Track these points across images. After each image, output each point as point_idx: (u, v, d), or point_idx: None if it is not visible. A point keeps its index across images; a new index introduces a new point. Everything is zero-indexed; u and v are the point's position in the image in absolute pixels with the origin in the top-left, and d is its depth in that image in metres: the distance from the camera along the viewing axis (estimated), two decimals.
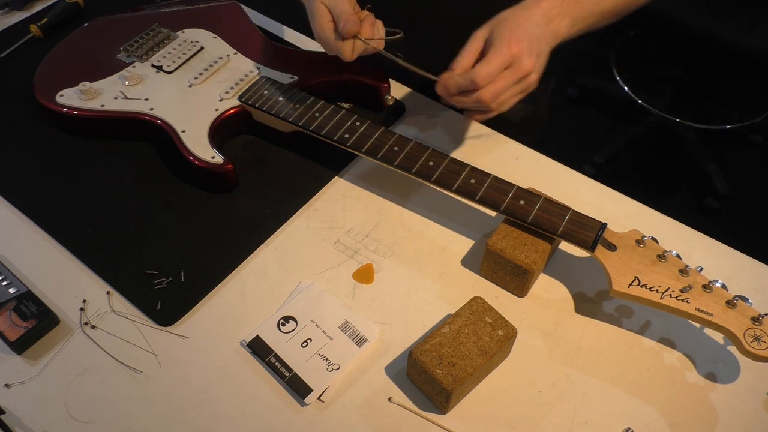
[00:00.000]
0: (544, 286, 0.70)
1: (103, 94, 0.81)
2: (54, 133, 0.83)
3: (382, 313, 0.68)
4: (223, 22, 0.91)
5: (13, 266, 0.71)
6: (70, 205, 0.76)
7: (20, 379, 0.63)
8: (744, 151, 2.03)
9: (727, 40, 1.59)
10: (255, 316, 0.67)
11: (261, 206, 0.76)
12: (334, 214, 0.76)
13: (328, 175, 0.80)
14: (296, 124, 0.76)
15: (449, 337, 0.60)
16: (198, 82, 0.82)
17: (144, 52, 0.86)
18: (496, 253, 0.67)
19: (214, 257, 0.71)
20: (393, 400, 0.62)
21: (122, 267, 0.70)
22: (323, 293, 0.69)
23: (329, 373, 0.63)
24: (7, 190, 0.78)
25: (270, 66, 0.84)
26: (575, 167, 0.81)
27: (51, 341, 0.65)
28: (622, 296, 0.63)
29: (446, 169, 0.70)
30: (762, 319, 0.59)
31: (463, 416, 0.61)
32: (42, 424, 0.60)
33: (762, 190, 1.91)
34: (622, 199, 0.79)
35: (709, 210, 1.84)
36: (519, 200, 0.68)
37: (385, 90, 0.83)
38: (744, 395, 0.63)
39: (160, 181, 0.78)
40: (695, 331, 0.67)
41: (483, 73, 0.66)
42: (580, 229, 0.65)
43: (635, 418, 0.61)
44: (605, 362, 0.65)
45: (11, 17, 1.01)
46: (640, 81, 2.09)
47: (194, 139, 0.76)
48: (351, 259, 0.72)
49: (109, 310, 0.68)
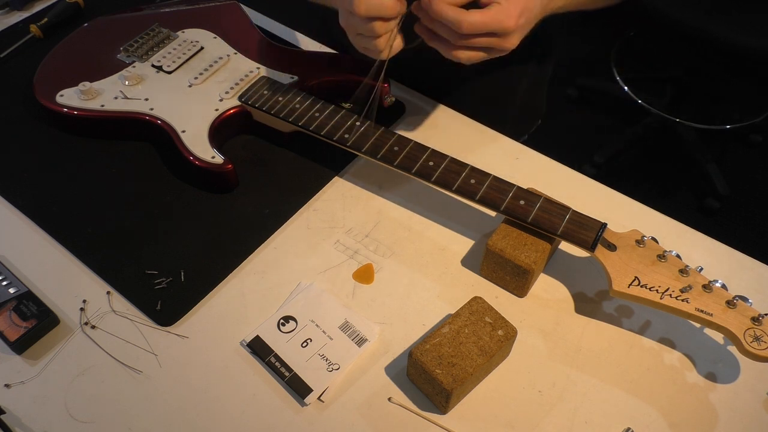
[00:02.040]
0: (544, 286, 0.70)
1: (103, 94, 0.81)
2: (54, 133, 0.83)
3: (382, 313, 0.68)
4: (223, 22, 0.91)
5: (13, 266, 0.71)
6: (70, 205, 0.76)
7: (20, 379, 0.63)
8: (744, 151, 2.03)
9: (727, 39, 1.59)
10: (255, 316, 0.67)
11: (261, 206, 0.76)
12: (334, 214, 0.76)
13: (328, 175, 0.80)
14: (296, 124, 0.76)
15: (449, 337, 0.60)
16: (198, 82, 0.82)
17: (144, 52, 0.86)
18: (496, 253, 0.67)
19: (214, 257, 0.71)
20: (393, 400, 0.62)
21: (122, 267, 0.70)
22: (323, 293, 0.69)
23: (329, 373, 0.63)
24: (7, 190, 0.78)
25: (270, 66, 0.84)
26: (575, 167, 0.81)
27: (51, 341, 0.65)
28: (622, 296, 0.63)
29: (446, 169, 0.70)
30: (762, 319, 0.59)
31: (463, 416, 0.61)
32: (42, 424, 0.60)
33: (762, 190, 1.91)
34: (622, 199, 0.79)
35: (709, 210, 1.84)
36: (519, 200, 0.68)
37: (385, 90, 0.83)
38: (744, 395, 0.63)
39: (160, 181, 0.78)
40: (695, 331, 0.67)
41: (471, 20, 0.61)
42: (580, 229, 0.65)
43: (635, 418, 0.61)
44: (605, 362, 0.65)
45: (11, 17, 1.01)
46: (640, 81, 2.09)
47: (194, 139, 0.76)
48: (351, 259, 0.72)
49: (109, 310, 0.68)
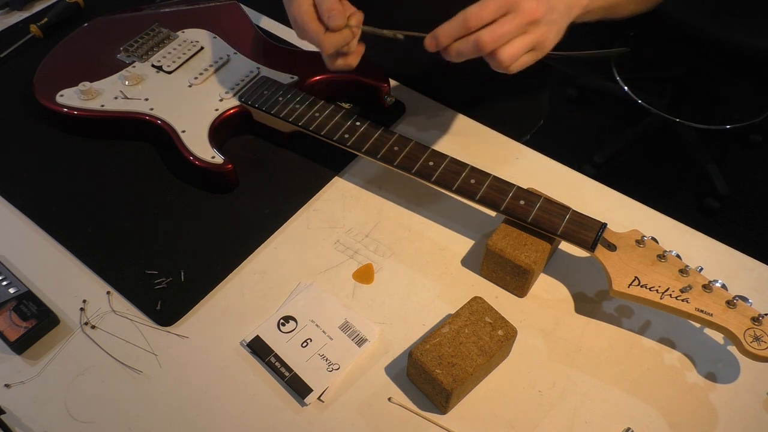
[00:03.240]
0: (544, 286, 0.70)
1: (103, 94, 0.81)
2: (54, 133, 0.83)
3: (382, 313, 0.68)
4: (223, 22, 0.91)
5: (13, 266, 0.71)
6: (70, 205, 0.76)
7: (20, 379, 0.63)
8: (744, 151, 2.03)
9: (727, 39, 1.59)
10: (255, 316, 0.67)
11: (261, 206, 0.76)
12: (334, 214, 0.76)
13: (328, 175, 0.80)
14: (296, 124, 0.76)
15: (449, 337, 0.60)
16: (198, 82, 0.82)
17: (144, 52, 0.86)
18: (496, 253, 0.66)
19: (214, 257, 0.71)
20: (393, 400, 0.62)
21: (122, 267, 0.70)
22: (323, 293, 0.69)
23: (329, 373, 0.63)
24: (7, 190, 0.78)
25: (270, 66, 0.84)
26: (575, 167, 0.81)
27: (51, 341, 0.65)
28: (622, 296, 0.63)
29: (446, 169, 0.70)
30: (762, 319, 0.59)
31: (463, 416, 0.61)
32: (42, 424, 0.60)
33: (762, 190, 1.91)
34: (622, 199, 0.79)
35: (709, 210, 1.84)
36: (519, 200, 0.68)
37: (385, 90, 0.83)
38: (744, 395, 0.63)
39: (160, 181, 0.78)
40: (695, 331, 0.67)
41: (473, 10, 0.58)
42: (580, 229, 0.65)
43: (635, 418, 0.61)
44: (605, 362, 0.65)
45: (11, 17, 1.01)
46: (640, 81, 2.09)
47: (194, 139, 0.76)
48: (351, 259, 0.72)
49: (109, 310, 0.68)
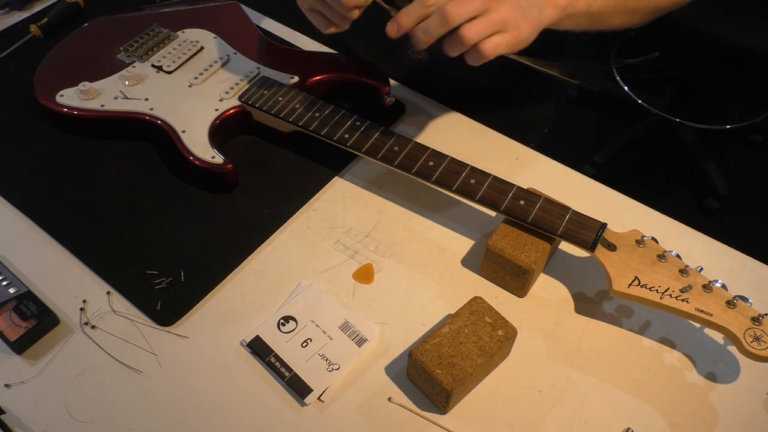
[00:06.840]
0: (544, 286, 0.70)
1: (103, 94, 0.81)
2: (54, 133, 0.83)
3: (382, 313, 0.68)
4: (223, 22, 0.91)
5: (13, 266, 0.71)
6: (70, 205, 0.76)
7: (20, 379, 0.63)
8: (744, 151, 2.03)
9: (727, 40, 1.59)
10: (255, 316, 0.67)
11: (261, 206, 0.76)
12: (334, 214, 0.76)
13: (328, 175, 0.80)
14: (296, 124, 0.76)
15: (449, 337, 0.60)
16: (198, 82, 0.82)
17: (144, 52, 0.86)
18: (496, 253, 0.66)
19: (214, 257, 0.71)
20: (393, 400, 0.62)
21: (122, 267, 0.70)
22: (323, 293, 0.69)
23: (329, 373, 0.63)
24: (7, 190, 0.78)
25: (270, 66, 0.84)
26: (575, 167, 0.81)
27: (51, 341, 0.65)
28: (622, 296, 0.63)
29: (446, 169, 0.70)
30: (762, 319, 0.59)
31: (463, 416, 0.61)
32: (42, 424, 0.60)
33: (762, 190, 1.91)
34: (622, 199, 0.79)
35: (709, 210, 1.84)
36: (519, 200, 0.68)
37: (385, 90, 0.83)
38: (744, 395, 0.63)
39: (160, 181, 0.78)
40: (695, 331, 0.67)
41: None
42: (580, 229, 0.65)
43: (635, 418, 0.61)
44: (605, 362, 0.65)
45: (11, 17, 1.01)
46: (640, 81, 2.09)
47: (194, 139, 0.76)
48: (351, 259, 0.72)
49: (109, 310, 0.68)
